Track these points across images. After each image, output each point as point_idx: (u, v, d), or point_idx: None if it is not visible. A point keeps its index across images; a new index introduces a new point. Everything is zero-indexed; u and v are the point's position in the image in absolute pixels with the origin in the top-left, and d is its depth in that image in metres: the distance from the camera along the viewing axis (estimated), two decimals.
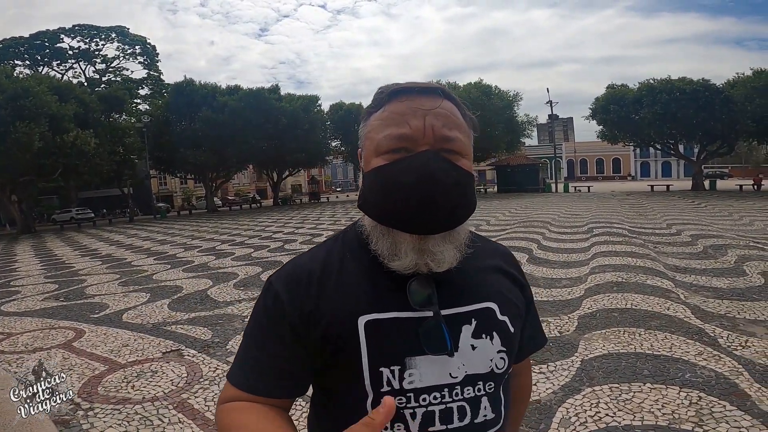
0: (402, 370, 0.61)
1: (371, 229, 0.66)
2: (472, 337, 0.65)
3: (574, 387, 2.97)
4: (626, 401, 2.74)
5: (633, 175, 59.85)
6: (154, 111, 32.27)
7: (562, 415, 2.64)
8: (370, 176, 0.64)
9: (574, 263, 7.03)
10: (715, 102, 24.98)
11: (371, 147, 0.65)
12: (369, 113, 0.68)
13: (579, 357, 3.45)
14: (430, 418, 0.62)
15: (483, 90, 32.73)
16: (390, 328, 0.62)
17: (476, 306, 0.67)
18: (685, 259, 7.05)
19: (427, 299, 0.62)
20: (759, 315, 4.24)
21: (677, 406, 2.64)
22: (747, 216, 13.15)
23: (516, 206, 20.22)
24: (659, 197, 23.29)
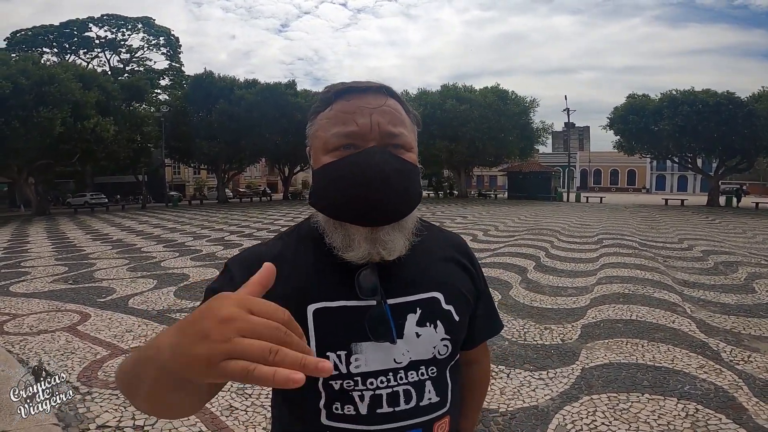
0: (348, 355, 0.64)
1: (324, 224, 0.69)
2: (417, 325, 0.68)
3: (573, 394, 2.96)
4: (623, 411, 2.72)
5: (648, 188, 59.01)
6: (173, 101, 32.71)
7: (558, 422, 2.63)
8: (320, 173, 0.67)
9: (582, 273, 6.98)
10: (738, 116, 24.32)
11: (319, 145, 0.68)
12: (316, 112, 0.71)
13: (580, 365, 3.44)
14: (377, 400, 0.65)
15: (499, 95, 32.44)
16: (337, 315, 0.65)
17: (422, 296, 0.70)
18: (695, 274, 6.95)
19: (374, 289, 0.65)
20: (765, 331, 4.19)
21: (673, 418, 2.62)
22: (761, 234, 12.90)
23: (526, 213, 20.09)
24: (673, 211, 22.94)
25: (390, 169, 0.63)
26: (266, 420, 2.69)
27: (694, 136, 25.91)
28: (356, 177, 0.62)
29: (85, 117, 21.49)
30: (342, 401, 0.65)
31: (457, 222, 15.79)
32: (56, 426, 2.54)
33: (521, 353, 3.72)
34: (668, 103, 26.48)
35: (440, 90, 33.54)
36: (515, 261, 7.89)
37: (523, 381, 3.19)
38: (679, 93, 26.85)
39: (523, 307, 5.06)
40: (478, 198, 36.61)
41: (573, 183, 41.73)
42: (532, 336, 4.13)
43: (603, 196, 35.98)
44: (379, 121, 0.65)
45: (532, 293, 5.71)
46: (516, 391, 3.03)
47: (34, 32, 36.84)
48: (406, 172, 0.66)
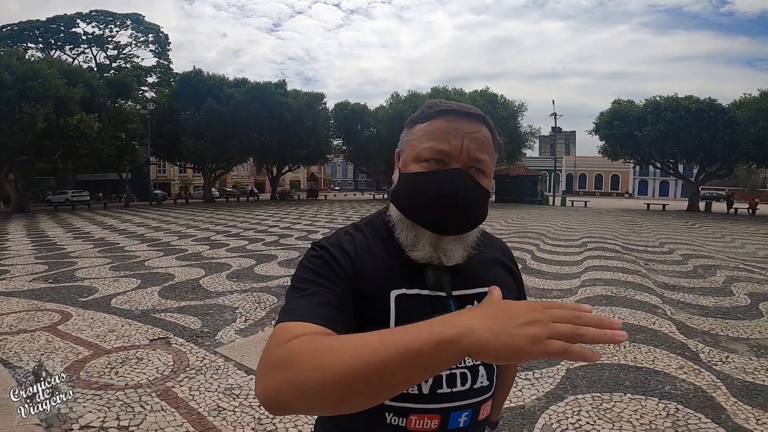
0: None
1: (397, 221, 0.77)
2: None
3: (558, 395, 3.01)
4: (607, 410, 2.78)
5: (630, 193, 60.14)
6: (159, 99, 32.23)
7: (544, 421, 2.67)
8: (408, 178, 0.75)
9: (566, 275, 7.09)
10: (718, 122, 24.97)
11: (412, 152, 0.75)
12: (413, 122, 0.79)
13: (564, 366, 3.48)
14: (438, 381, 0.71)
15: (489, 98, 32.69)
16: (414, 301, 0.72)
17: (480, 290, 0.78)
18: (675, 277, 7.12)
19: (439, 282, 0.75)
20: (742, 333, 4.31)
21: (655, 417, 2.68)
22: (739, 239, 13.27)
23: (513, 217, 20.30)
24: (654, 216, 23.45)
25: (466, 193, 0.71)
26: (254, 420, 2.67)
27: (676, 142, 26.47)
28: (437, 190, 0.71)
29: (69, 113, 21.05)
30: None
31: None
32: (38, 426, 2.49)
33: None
34: (652, 109, 27.05)
35: (430, 92, 33.72)
36: None
37: None
38: (663, 99, 27.39)
39: None
40: None
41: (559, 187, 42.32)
42: None
43: (588, 200, 36.59)
44: (469, 147, 0.72)
45: None
46: None
47: (19, 27, 36.00)
48: (479, 197, 0.74)
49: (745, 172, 46.42)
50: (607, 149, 30.73)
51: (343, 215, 20.18)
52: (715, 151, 26.20)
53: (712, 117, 25.14)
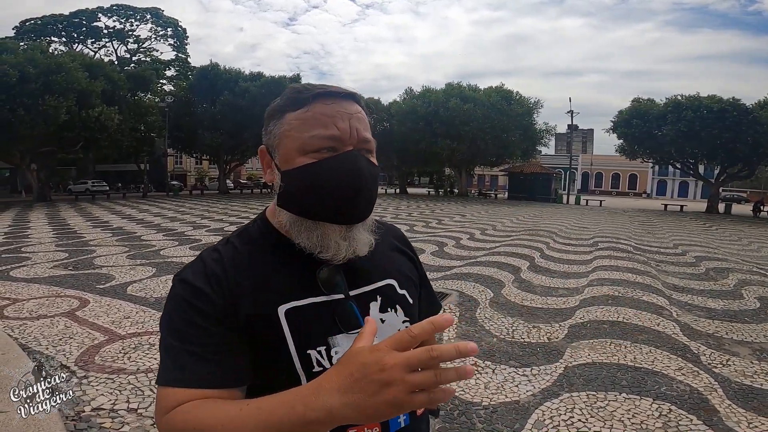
0: (328, 350, 0.67)
1: (292, 224, 0.70)
2: (380, 311, 0.74)
3: (554, 391, 3.05)
4: (600, 409, 2.82)
5: (648, 193, 58.94)
6: (177, 92, 32.78)
7: (537, 417, 2.73)
8: (300, 172, 0.68)
9: (574, 274, 7.07)
10: (742, 123, 24.21)
11: (293, 145, 0.68)
12: (282, 111, 0.71)
13: (563, 363, 3.53)
14: None
15: (503, 95, 32.31)
16: (308, 313, 0.67)
17: (379, 284, 0.76)
18: (685, 279, 7.04)
19: (336, 284, 0.70)
20: (746, 336, 4.28)
21: (647, 417, 2.71)
22: (756, 242, 12.97)
23: (524, 214, 20.15)
24: (671, 217, 23.00)
25: (368, 173, 0.69)
26: None
27: (697, 142, 25.81)
28: (339, 178, 0.66)
29: (91, 106, 21.64)
30: None
31: (455, 220, 15.88)
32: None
33: (508, 350, 3.82)
34: (672, 108, 26.39)
35: (444, 88, 33.40)
36: (510, 260, 7.99)
37: (507, 376, 3.29)
38: (684, 98, 26.71)
39: (514, 306, 5.16)
40: (479, 197, 36.65)
41: (574, 185, 41.74)
42: (519, 334, 4.23)
43: (603, 199, 35.99)
44: (357, 127, 0.69)
45: (524, 292, 5.80)
46: (499, 386, 3.13)
47: (43, 21, 36.82)
48: (377, 176, 0.72)
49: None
50: (625, 148, 30.12)
51: None
52: (737, 151, 25.45)
53: (735, 117, 24.38)
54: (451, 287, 5.92)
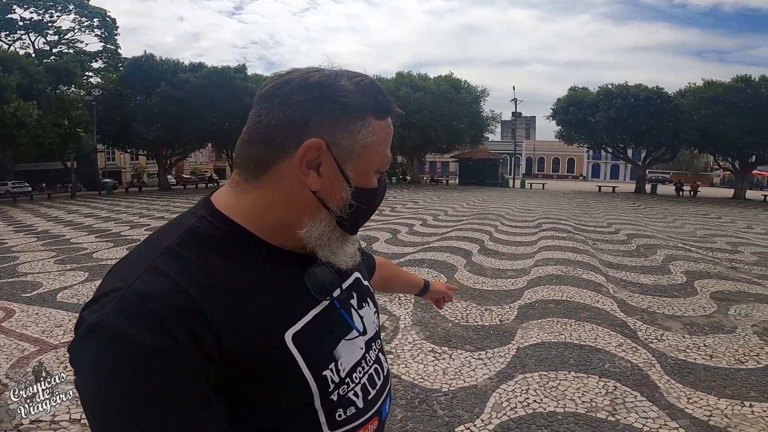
0: (336, 364, 0.61)
1: (319, 237, 0.59)
2: (358, 308, 0.70)
3: (509, 374, 3.13)
4: (552, 388, 2.92)
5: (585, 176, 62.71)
6: (106, 84, 30.36)
7: (495, 400, 2.78)
8: (374, 195, 0.62)
9: (521, 256, 7.34)
10: (664, 110, 26.35)
11: (377, 161, 0.59)
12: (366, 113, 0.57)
13: (515, 345, 3.64)
14: (365, 389, 0.66)
15: (452, 83, 33.00)
16: (314, 330, 0.58)
17: (349, 280, 0.71)
18: (619, 256, 7.54)
19: (328, 286, 0.62)
20: (677, 311, 4.62)
21: (595, 395, 2.84)
22: (680, 219, 14.20)
23: (474, 199, 20.74)
24: (605, 198, 24.63)
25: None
26: None
27: (626, 128, 27.80)
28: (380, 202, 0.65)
29: (5, 101, 19.80)
30: (344, 407, 0.61)
31: (408, 207, 16.00)
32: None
33: (463, 334, 3.88)
34: (604, 96, 28.17)
35: (395, 77, 33.60)
36: (461, 245, 8.16)
37: (464, 361, 3.34)
38: (614, 87, 28.62)
39: (467, 290, 5.26)
40: (430, 184, 37.28)
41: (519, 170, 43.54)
42: (473, 317, 4.31)
43: (545, 182, 37.88)
44: None
45: (476, 276, 5.94)
46: (457, 371, 3.17)
47: None
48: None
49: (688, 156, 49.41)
50: (563, 134, 31.90)
51: None
52: (661, 136, 27.68)
53: (659, 105, 26.51)
54: None
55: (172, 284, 0.48)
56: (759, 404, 2.69)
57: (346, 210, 0.58)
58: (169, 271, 0.50)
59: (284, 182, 0.56)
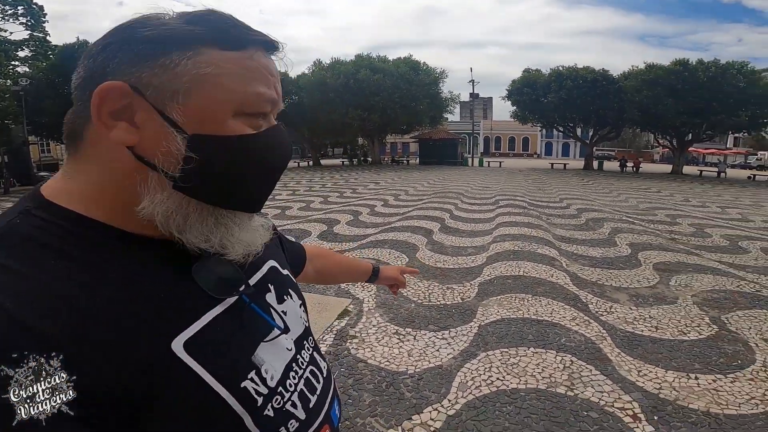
0: (258, 372, 0.49)
1: (182, 216, 0.45)
2: (278, 303, 0.59)
3: (472, 352, 3.10)
4: (513, 365, 2.92)
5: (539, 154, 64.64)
6: (35, 73, 27.81)
7: (460, 380, 2.74)
8: (223, 144, 0.45)
9: (480, 233, 7.39)
10: (610, 91, 27.42)
11: (223, 96, 0.45)
12: (196, 42, 0.44)
13: (477, 323, 3.62)
14: (303, 397, 0.55)
15: (411, 65, 32.70)
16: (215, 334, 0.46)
17: (263, 270, 0.59)
18: (570, 230, 7.75)
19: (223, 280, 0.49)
20: (623, 283, 4.78)
21: (554, 370, 2.85)
22: (624, 194, 14.86)
23: (435, 178, 20.81)
24: (557, 174, 25.45)
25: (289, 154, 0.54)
26: None
27: (575, 108, 28.79)
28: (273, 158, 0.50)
29: None
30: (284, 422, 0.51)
31: (369, 188, 15.81)
32: None
33: (426, 314, 3.82)
34: (555, 78, 29.00)
35: (354, 60, 32.84)
36: (422, 224, 8.11)
37: (428, 342, 3.28)
38: (565, 69, 29.53)
39: (429, 269, 5.21)
40: (392, 164, 37.11)
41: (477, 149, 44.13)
42: (435, 297, 4.27)
43: (502, 161, 38.71)
44: (281, 92, 0.52)
45: (437, 254, 5.90)
46: (422, 352, 3.11)
47: None
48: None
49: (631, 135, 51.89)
50: (518, 114, 32.58)
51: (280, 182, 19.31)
52: (606, 116, 28.85)
53: (605, 86, 27.59)
54: (368, 255, 5.83)
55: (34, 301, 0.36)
56: (704, 376, 2.77)
57: (179, 165, 0.44)
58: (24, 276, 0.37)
59: (100, 147, 0.45)
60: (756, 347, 3.16)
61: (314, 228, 7.77)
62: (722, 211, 11.09)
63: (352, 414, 2.41)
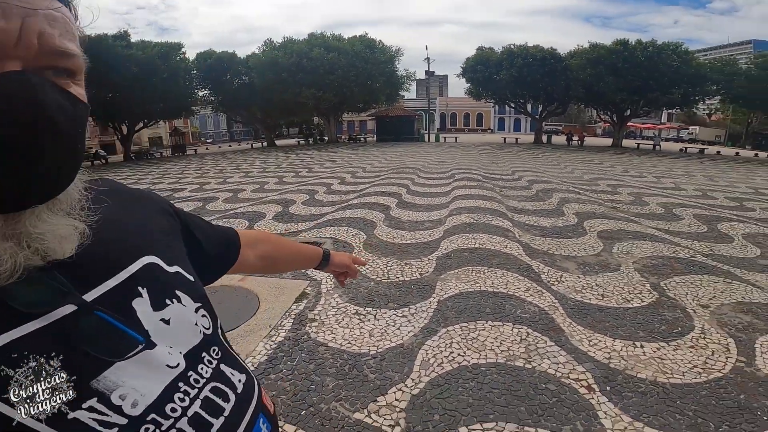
0: (105, 399, 0.40)
1: None
2: (155, 309, 0.48)
3: (432, 328, 3.03)
4: (473, 340, 2.87)
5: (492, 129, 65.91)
6: None
7: (422, 358, 2.66)
8: None
9: (437, 206, 7.35)
10: (557, 69, 28.33)
11: None
12: None
13: (436, 298, 3.55)
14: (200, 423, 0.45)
15: (367, 44, 31.88)
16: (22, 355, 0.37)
17: (132, 268, 0.47)
18: (522, 201, 7.89)
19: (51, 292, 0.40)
20: (571, 251, 4.88)
21: (512, 343, 2.83)
22: (570, 165, 15.41)
23: (392, 154, 20.63)
24: (509, 148, 26.02)
25: (57, 113, 0.38)
26: None
27: (525, 85, 29.47)
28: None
29: None
30: None
31: (326, 167, 15.39)
32: None
33: (386, 292, 3.71)
34: (507, 56, 29.56)
35: (307, 38, 31.53)
36: (380, 200, 7.96)
37: (388, 320, 3.17)
38: (516, 48, 30.10)
39: (386, 245, 5.09)
40: (349, 142, 36.43)
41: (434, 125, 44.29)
42: (394, 273, 4.16)
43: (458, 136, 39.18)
44: (43, 31, 0.38)
45: (395, 230, 5.79)
46: (383, 332, 3.00)
47: None
48: (80, 117, 0.42)
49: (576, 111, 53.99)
50: (472, 91, 33.12)
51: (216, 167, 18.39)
52: (554, 93, 29.78)
53: (552, 64, 28.45)
54: (325, 234, 5.62)
55: None
56: (648, 344, 2.83)
57: None
58: None
59: None
60: (694, 313, 3.28)
61: (269, 209, 7.41)
62: (658, 180, 11.75)
63: (316, 400, 2.27)
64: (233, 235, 0.79)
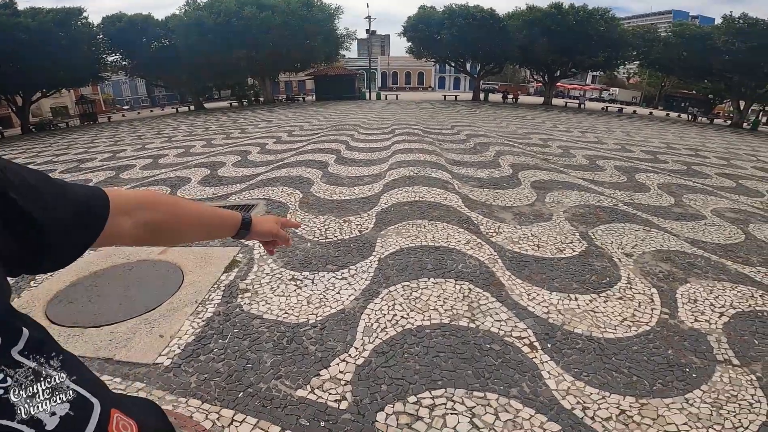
0: None
1: None
2: None
3: (374, 290, 2.76)
4: (416, 300, 2.64)
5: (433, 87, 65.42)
6: None
7: (365, 323, 2.40)
8: None
9: (377, 161, 6.99)
10: (495, 30, 28.15)
11: None
12: None
13: (376, 256, 3.27)
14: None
15: (303, 2, 29.08)
16: None
17: None
18: (461, 153, 7.76)
19: None
20: (508, 202, 4.80)
21: (455, 301, 2.64)
22: (505, 121, 15.60)
23: (332, 112, 19.64)
24: (449, 105, 25.92)
25: None
26: None
27: (465, 45, 29.07)
28: None
29: None
30: None
31: (261, 127, 14.18)
32: None
33: (323, 253, 3.36)
34: (448, 15, 28.69)
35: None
36: (317, 157, 7.42)
37: (327, 284, 2.85)
38: (457, 7, 29.24)
39: (324, 203, 4.69)
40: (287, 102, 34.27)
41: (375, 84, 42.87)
42: (332, 232, 3.81)
43: (399, 94, 38.29)
44: None
45: (333, 186, 5.38)
46: (322, 297, 2.68)
47: None
48: None
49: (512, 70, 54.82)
50: (413, 50, 32.16)
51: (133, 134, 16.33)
52: (492, 53, 29.74)
53: (491, 25, 28.15)
54: (257, 196, 5.07)
55: None
56: (581, 296, 2.76)
57: None
58: None
59: None
60: (619, 262, 3.28)
61: (194, 174, 6.55)
62: (582, 135, 12.21)
63: (254, 379, 1.95)
64: (98, 198, 0.57)
